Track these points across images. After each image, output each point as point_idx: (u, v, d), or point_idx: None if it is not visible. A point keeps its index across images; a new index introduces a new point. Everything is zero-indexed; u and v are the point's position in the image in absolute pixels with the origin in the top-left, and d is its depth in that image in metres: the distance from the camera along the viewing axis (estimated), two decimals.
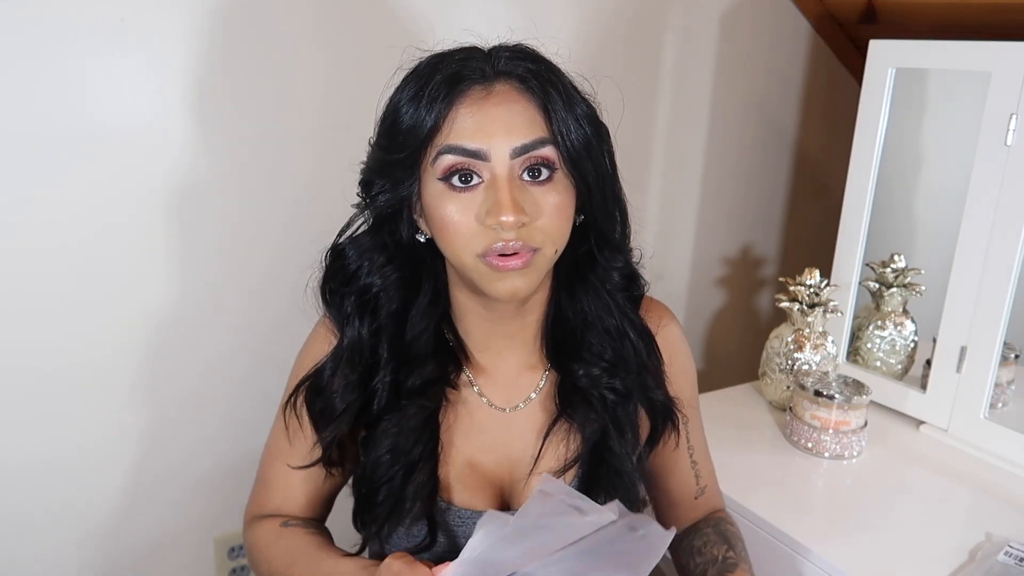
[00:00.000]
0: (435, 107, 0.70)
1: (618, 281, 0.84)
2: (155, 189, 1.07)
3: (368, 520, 0.80)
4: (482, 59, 0.73)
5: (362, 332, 0.81)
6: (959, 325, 1.25)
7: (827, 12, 1.59)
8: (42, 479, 1.10)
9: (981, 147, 1.20)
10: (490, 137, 0.70)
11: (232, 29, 1.07)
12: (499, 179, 0.70)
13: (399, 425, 0.79)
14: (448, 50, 0.75)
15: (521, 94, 0.72)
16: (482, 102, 0.71)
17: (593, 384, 0.82)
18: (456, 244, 0.73)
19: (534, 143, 0.71)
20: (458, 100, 0.71)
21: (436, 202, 0.73)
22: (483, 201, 0.71)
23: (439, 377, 0.82)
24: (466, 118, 0.70)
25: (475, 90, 0.71)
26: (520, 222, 0.70)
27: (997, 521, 1.07)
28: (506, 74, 0.72)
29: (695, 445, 0.95)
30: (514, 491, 0.84)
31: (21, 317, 1.04)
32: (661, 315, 0.90)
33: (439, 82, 0.70)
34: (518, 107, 0.71)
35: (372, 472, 0.80)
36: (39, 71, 0.97)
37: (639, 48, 1.43)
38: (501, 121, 0.70)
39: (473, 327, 0.83)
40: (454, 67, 0.71)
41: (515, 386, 0.85)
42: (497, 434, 0.84)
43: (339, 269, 0.83)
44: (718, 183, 1.63)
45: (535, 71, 0.72)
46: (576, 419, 0.83)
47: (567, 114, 0.72)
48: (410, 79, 0.74)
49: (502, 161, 0.70)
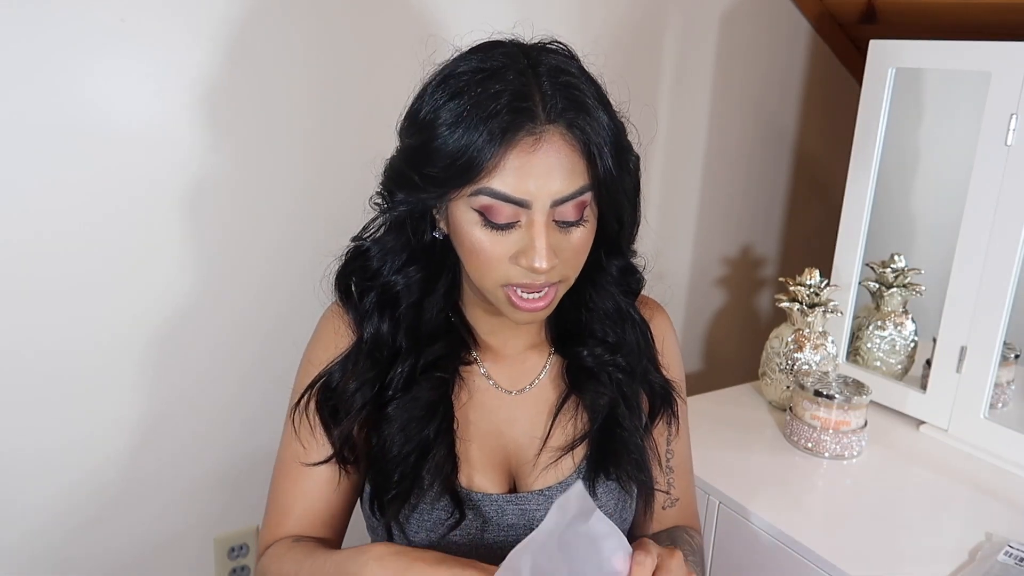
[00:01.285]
0: (486, 150, 0.68)
1: (616, 276, 0.86)
2: (156, 187, 1.07)
3: (384, 504, 0.80)
4: (536, 97, 0.69)
5: (383, 327, 0.81)
6: (959, 325, 1.25)
7: (827, 12, 1.59)
8: (41, 478, 1.10)
9: (981, 147, 1.20)
10: (534, 189, 0.69)
11: (232, 28, 1.07)
12: (536, 224, 0.71)
13: (411, 402, 0.80)
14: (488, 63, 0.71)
15: (567, 141, 0.70)
16: (531, 154, 0.69)
17: (599, 363, 0.85)
18: (482, 272, 0.74)
19: (574, 193, 0.71)
20: (508, 147, 0.68)
21: (468, 228, 0.72)
22: (517, 240, 0.72)
23: (450, 354, 0.83)
24: (513, 167, 0.69)
25: (525, 140, 0.69)
26: (552, 267, 0.71)
27: (997, 521, 1.07)
28: (557, 119, 0.70)
29: (675, 452, 0.93)
30: (521, 472, 0.84)
31: (21, 315, 1.04)
32: (653, 309, 0.94)
33: (492, 127, 0.67)
34: (564, 156, 0.70)
35: (385, 452, 0.80)
36: (38, 71, 0.97)
37: (639, 48, 1.43)
38: (546, 173, 0.69)
39: (481, 315, 0.86)
40: (506, 110, 0.68)
41: (521, 369, 0.87)
42: (504, 416, 0.85)
43: (361, 267, 0.83)
44: (718, 183, 1.63)
45: (583, 109, 0.70)
46: (586, 396, 0.85)
47: (607, 157, 0.72)
48: (448, 95, 0.70)
49: (541, 209, 0.70)
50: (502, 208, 0.70)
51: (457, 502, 0.79)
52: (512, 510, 0.82)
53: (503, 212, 0.70)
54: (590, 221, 0.75)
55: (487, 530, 0.81)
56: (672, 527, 0.92)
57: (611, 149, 0.72)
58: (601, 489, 0.83)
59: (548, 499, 0.82)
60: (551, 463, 0.84)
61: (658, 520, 0.92)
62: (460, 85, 0.70)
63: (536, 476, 0.84)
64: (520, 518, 0.82)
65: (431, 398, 0.81)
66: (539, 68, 0.71)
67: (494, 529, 0.81)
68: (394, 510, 0.79)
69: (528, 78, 0.70)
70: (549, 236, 0.71)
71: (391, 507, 0.79)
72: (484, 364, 0.86)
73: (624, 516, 0.85)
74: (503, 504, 0.82)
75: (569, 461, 0.84)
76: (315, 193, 1.19)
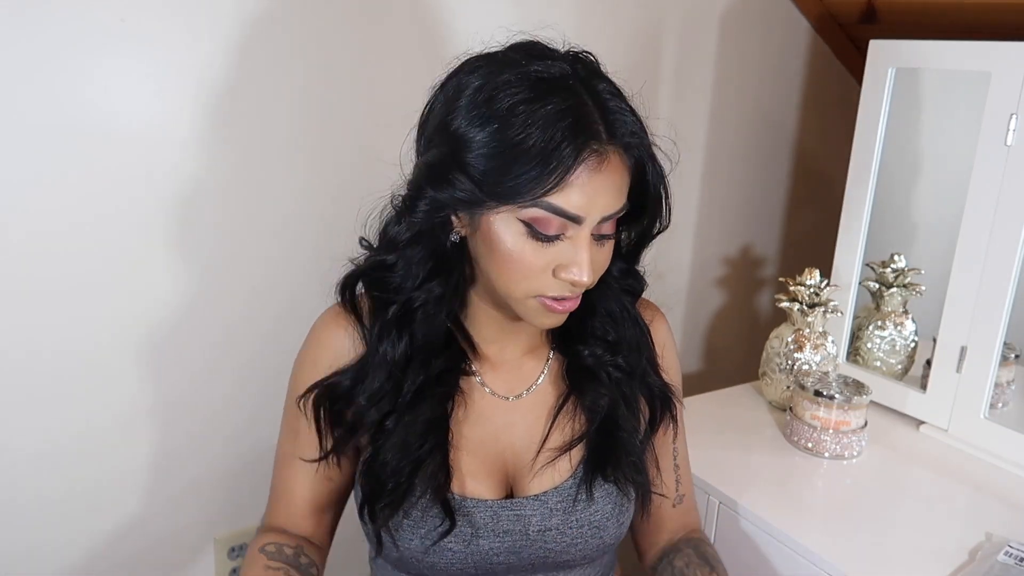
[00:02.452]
0: (558, 170, 0.68)
1: (618, 275, 0.87)
2: (155, 187, 1.07)
3: (375, 512, 0.80)
4: (599, 117, 0.70)
5: (399, 344, 0.81)
6: (959, 325, 1.25)
7: (827, 12, 1.59)
8: (40, 478, 1.10)
9: (981, 147, 1.20)
10: (591, 207, 0.71)
11: (232, 29, 1.07)
12: (583, 239, 0.72)
13: (411, 419, 0.80)
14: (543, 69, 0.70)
15: (624, 163, 0.73)
16: (595, 172, 0.70)
17: (599, 362, 0.85)
18: (516, 281, 0.74)
19: (620, 210, 0.74)
20: (578, 165, 0.69)
21: (509, 238, 0.72)
22: (558, 254, 0.72)
23: (451, 368, 0.83)
24: (578, 184, 0.69)
25: (590, 160, 0.69)
26: (592, 282, 0.74)
27: (997, 521, 1.07)
28: (617, 142, 0.72)
29: (679, 449, 0.96)
30: (520, 478, 0.84)
31: (18, 315, 1.04)
32: (653, 313, 0.94)
33: (564, 149, 0.67)
34: (619, 176, 0.72)
35: (381, 465, 0.80)
36: (39, 71, 0.97)
37: (639, 48, 1.43)
38: (604, 192, 0.71)
39: (481, 324, 0.85)
40: (577, 130, 0.68)
41: (518, 375, 0.87)
42: (500, 423, 0.85)
43: (380, 280, 0.82)
44: (718, 183, 1.63)
45: (635, 131, 0.73)
46: (586, 397, 0.85)
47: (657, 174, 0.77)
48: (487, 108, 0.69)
49: (591, 224, 0.72)
50: (552, 221, 0.71)
51: (448, 511, 0.79)
52: (507, 516, 0.82)
53: (552, 224, 0.71)
54: (614, 233, 0.78)
55: (482, 536, 0.81)
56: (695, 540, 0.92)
57: (658, 167, 0.77)
58: (599, 491, 0.83)
59: (543, 504, 0.82)
60: (548, 463, 0.83)
61: (668, 518, 0.94)
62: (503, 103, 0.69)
63: (533, 479, 0.83)
64: (515, 524, 0.81)
65: (431, 415, 0.80)
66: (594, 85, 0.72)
67: (489, 535, 0.81)
68: (384, 518, 0.80)
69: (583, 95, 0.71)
70: (591, 249, 0.73)
71: (382, 515, 0.80)
72: (480, 372, 0.86)
73: (622, 520, 0.85)
74: (498, 510, 0.82)
75: (566, 463, 0.84)
76: (314, 194, 1.19)
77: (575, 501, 0.82)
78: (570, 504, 0.82)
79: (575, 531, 0.82)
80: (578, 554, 0.83)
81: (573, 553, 0.83)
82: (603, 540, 0.84)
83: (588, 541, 0.83)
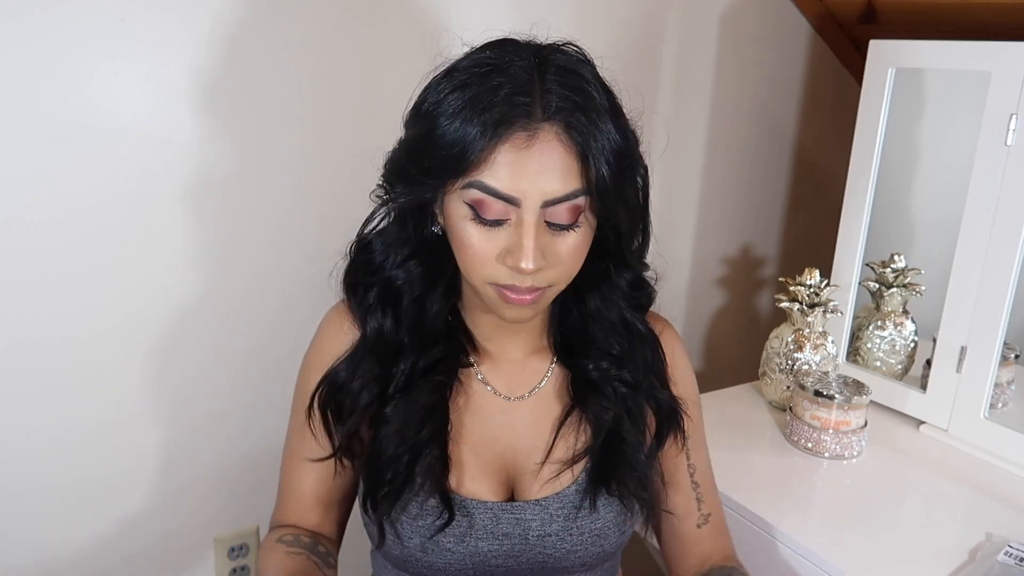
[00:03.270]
0: (478, 142, 0.67)
1: (625, 289, 0.85)
2: (155, 184, 1.07)
3: (376, 502, 0.80)
4: (535, 93, 0.68)
5: (385, 324, 0.81)
6: (959, 325, 1.25)
7: (827, 12, 1.59)
8: (40, 478, 1.10)
9: (981, 147, 1.20)
10: (525, 187, 0.68)
11: (232, 27, 1.07)
12: (526, 224, 0.70)
13: (409, 405, 0.80)
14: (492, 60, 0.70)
15: (563, 142, 0.68)
16: (524, 149, 0.68)
17: (604, 377, 0.84)
18: (470, 267, 0.74)
19: (567, 196, 0.69)
20: (501, 140, 0.68)
21: (459, 221, 0.72)
22: (505, 239, 0.71)
23: (448, 358, 0.83)
24: (504, 162, 0.68)
25: (519, 135, 0.68)
26: (538, 269, 0.71)
27: (997, 521, 1.07)
28: (554, 118, 0.68)
29: (696, 465, 0.91)
30: (522, 482, 0.84)
31: (17, 312, 1.04)
32: (664, 326, 0.92)
33: (486, 120, 0.67)
34: (557, 156, 0.68)
35: (380, 453, 0.80)
36: (40, 71, 0.97)
37: (639, 48, 1.43)
38: (538, 173, 0.68)
39: (479, 318, 0.85)
40: (501, 103, 0.67)
41: (520, 376, 0.87)
42: (501, 423, 0.85)
43: (365, 262, 0.83)
44: (718, 183, 1.63)
45: (584, 111, 0.69)
46: (590, 410, 0.84)
47: (605, 162, 0.69)
48: (451, 87, 0.70)
49: (532, 208, 0.69)
50: (492, 204, 0.69)
51: (447, 502, 0.79)
52: (507, 519, 0.81)
53: (493, 208, 0.70)
54: (585, 227, 0.73)
55: (481, 538, 0.80)
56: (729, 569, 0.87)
57: (610, 156, 0.69)
58: (602, 503, 0.82)
59: (544, 509, 0.82)
60: (552, 477, 0.83)
61: (694, 540, 0.90)
62: (464, 78, 0.70)
63: (535, 486, 0.83)
64: (515, 527, 0.81)
65: (429, 402, 0.80)
66: (546, 66, 0.70)
67: (488, 538, 0.81)
68: (385, 508, 0.79)
69: (532, 75, 0.69)
70: (539, 237, 0.70)
71: (382, 505, 0.79)
72: (481, 370, 0.86)
73: (624, 528, 0.85)
74: (498, 512, 0.81)
75: (568, 474, 0.83)
76: (313, 190, 1.19)
77: (577, 508, 0.82)
78: (571, 511, 0.82)
79: (575, 538, 0.81)
80: (577, 561, 0.82)
81: (573, 560, 0.82)
82: (604, 548, 0.83)
83: (588, 549, 0.82)
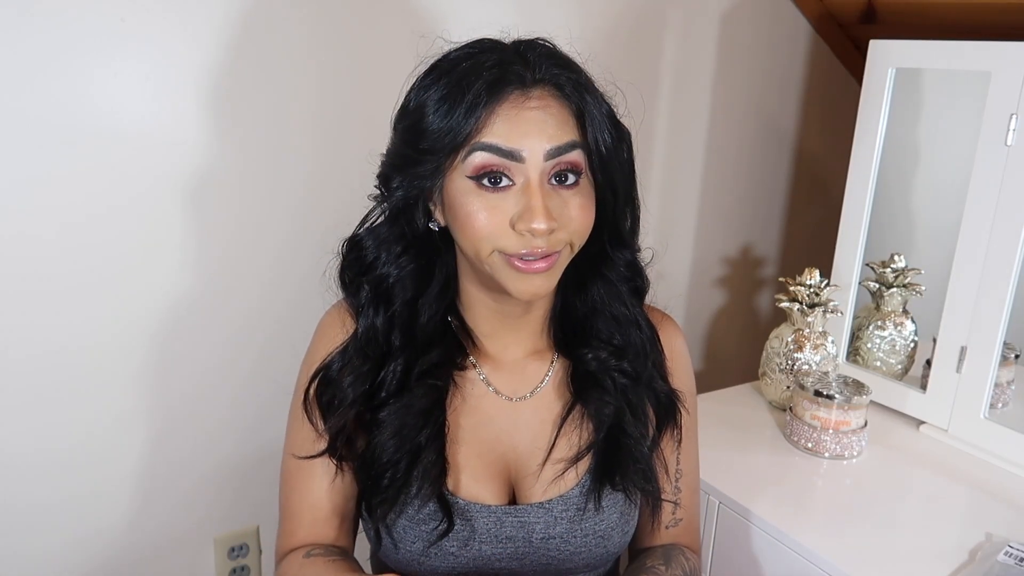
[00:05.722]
0: (475, 112, 0.70)
1: (623, 272, 0.85)
2: (158, 186, 1.07)
3: (374, 506, 0.80)
4: (521, 64, 0.72)
5: (376, 321, 0.81)
6: (959, 325, 1.25)
7: (827, 12, 1.59)
8: (41, 478, 1.10)
9: (981, 147, 1.20)
10: (525, 138, 0.70)
11: (233, 26, 1.07)
12: (532, 183, 0.71)
13: (405, 408, 0.79)
14: (475, 48, 0.74)
15: (556, 99, 0.73)
16: (520, 106, 0.71)
17: (603, 367, 0.84)
18: (478, 240, 0.73)
19: (567, 146, 0.72)
20: (497, 102, 0.71)
21: (463, 198, 0.73)
22: (514, 204, 0.72)
23: (446, 361, 0.83)
24: (503, 119, 0.71)
25: (514, 94, 0.71)
26: (551, 228, 0.71)
27: (997, 521, 1.07)
28: (545, 81, 0.72)
29: (683, 469, 0.91)
30: (524, 484, 0.83)
31: (21, 315, 1.04)
32: (663, 318, 0.92)
33: (479, 88, 0.70)
34: (553, 110, 0.72)
35: (377, 457, 0.79)
36: (40, 71, 0.97)
37: (639, 48, 1.43)
38: (537, 123, 0.71)
39: (480, 317, 0.84)
40: (495, 72, 0.71)
41: (522, 376, 0.86)
42: (504, 424, 0.84)
43: (357, 259, 0.83)
44: (718, 183, 1.63)
45: (573, 79, 0.73)
46: (591, 405, 0.84)
47: (599, 121, 0.74)
48: (436, 77, 0.73)
49: (535, 164, 0.71)
50: (493, 163, 0.71)
51: (445, 508, 0.78)
52: (511, 522, 0.81)
53: (495, 167, 0.71)
54: (587, 188, 0.75)
55: (484, 542, 0.80)
56: (670, 544, 0.90)
57: (603, 117, 0.74)
58: (605, 501, 0.82)
59: (548, 512, 0.81)
60: (557, 477, 0.82)
61: (660, 538, 0.91)
62: (446, 67, 0.73)
63: (538, 488, 0.83)
64: (519, 530, 0.81)
65: (425, 405, 0.80)
66: (528, 48, 0.74)
67: (492, 541, 0.80)
68: (382, 512, 0.79)
69: (518, 53, 0.73)
70: (546, 197, 0.71)
71: (380, 509, 0.79)
72: (483, 370, 0.85)
73: (626, 529, 0.85)
74: (501, 516, 0.81)
75: (572, 472, 0.83)
76: (317, 191, 1.19)
77: (582, 510, 0.82)
78: (575, 513, 0.81)
79: (579, 540, 0.81)
80: (581, 562, 0.82)
81: (576, 561, 0.82)
82: (607, 549, 0.83)
83: (592, 550, 0.82)
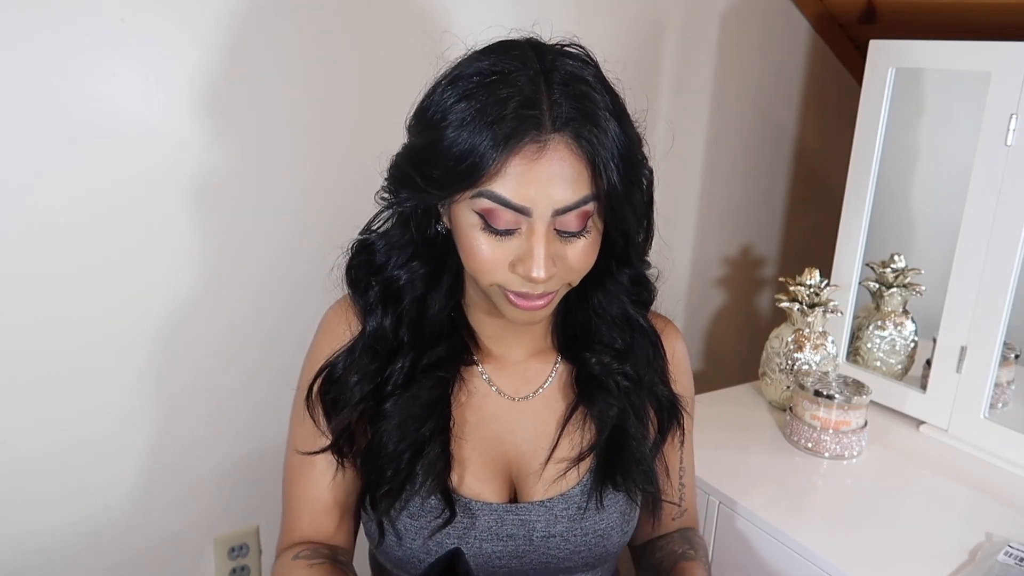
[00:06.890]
0: (488, 156, 0.67)
1: (627, 284, 0.86)
2: (157, 185, 1.07)
3: (376, 500, 0.80)
4: (544, 100, 0.68)
5: (385, 322, 0.81)
6: (959, 325, 1.25)
7: (827, 12, 1.59)
8: (41, 478, 1.10)
9: (981, 147, 1.20)
10: (535, 196, 0.68)
11: (233, 26, 1.07)
12: (536, 232, 0.70)
13: (411, 399, 0.80)
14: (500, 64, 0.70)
15: (572, 151, 0.68)
16: (534, 160, 0.68)
17: (606, 371, 0.85)
18: (478, 272, 0.74)
19: (577, 203, 0.70)
20: (511, 153, 0.67)
21: (468, 230, 0.72)
22: (516, 248, 0.71)
23: (451, 356, 0.83)
24: (515, 173, 0.68)
25: (529, 147, 0.67)
26: (550, 277, 0.71)
27: (997, 521, 1.07)
28: (563, 129, 0.68)
29: (686, 468, 0.95)
30: (526, 483, 0.84)
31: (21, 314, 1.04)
32: (666, 324, 0.93)
33: (497, 133, 0.66)
34: (567, 165, 0.68)
35: (382, 447, 0.79)
36: (40, 71, 0.97)
37: (639, 47, 1.43)
38: (549, 182, 0.68)
39: (484, 319, 0.85)
40: (511, 117, 0.67)
41: (524, 376, 0.87)
42: (506, 423, 0.85)
43: (366, 261, 0.83)
44: (718, 183, 1.63)
45: (592, 119, 0.69)
46: (594, 406, 0.84)
47: (614, 167, 0.69)
48: (458, 96, 0.69)
49: (543, 217, 0.69)
50: (502, 213, 0.69)
51: (448, 500, 0.79)
52: (512, 520, 0.81)
53: (503, 218, 0.70)
54: (593, 232, 0.74)
55: (485, 539, 0.80)
56: (682, 529, 0.95)
57: (618, 161, 0.70)
58: (608, 500, 0.83)
59: (549, 510, 0.82)
60: (559, 476, 0.83)
61: (665, 528, 0.95)
62: (469, 87, 0.69)
63: (540, 487, 0.83)
64: (520, 528, 0.81)
65: (431, 397, 0.80)
66: (552, 74, 0.69)
67: (492, 539, 0.80)
68: (386, 505, 0.79)
69: (539, 84, 0.69)
70: (549, 245, 0.70)
71: (383, 502, 0.79)
72: (486, 369, 0.86)
73: (626, 528, 0.85)
74: (503, 514, 0.81)
75: (574, 471, 0.83)
76: (317, 190, 1.19)
77: (582, 509, 0.82)
78: (576, 512, 0.82)
79: (579, 539, 0.82)
80: (581, 561, 0.83)
81: (576, 560, 0.82)
82: (607, 548, 0.83)
83: (592, 549, 0.82)
